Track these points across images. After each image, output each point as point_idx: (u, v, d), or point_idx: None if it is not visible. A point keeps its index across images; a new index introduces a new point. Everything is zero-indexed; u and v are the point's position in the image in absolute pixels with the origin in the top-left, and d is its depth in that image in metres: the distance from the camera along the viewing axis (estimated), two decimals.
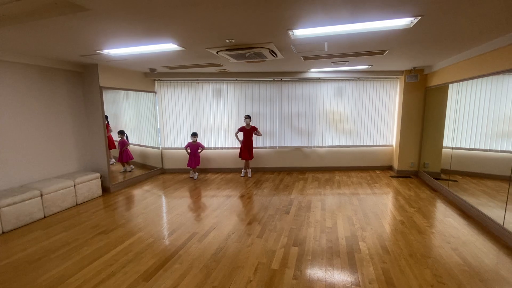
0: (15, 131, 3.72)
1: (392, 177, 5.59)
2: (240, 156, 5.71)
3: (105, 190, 4.80)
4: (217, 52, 3.49)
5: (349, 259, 2.59)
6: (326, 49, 3.53)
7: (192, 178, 5.72)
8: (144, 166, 5.83)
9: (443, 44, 3.32)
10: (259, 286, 2.22)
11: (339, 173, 5.95)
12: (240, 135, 5.71)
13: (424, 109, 5.51)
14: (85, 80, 4.60)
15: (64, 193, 3.97)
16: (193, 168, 5.75)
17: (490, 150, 3.40)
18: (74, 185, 4.13)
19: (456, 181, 4.20)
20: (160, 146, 6.22)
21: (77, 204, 4.20)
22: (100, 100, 4.53)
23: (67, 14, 2.23)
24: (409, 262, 2.52)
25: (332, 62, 4.55)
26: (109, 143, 4.85)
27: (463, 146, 3.97)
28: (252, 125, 5.70)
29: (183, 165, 6.26)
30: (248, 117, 5.59)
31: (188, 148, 5.66)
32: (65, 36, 2.82)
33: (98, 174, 4.56)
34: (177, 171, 6.29)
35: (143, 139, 5.75)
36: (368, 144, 6.16)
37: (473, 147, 3.75)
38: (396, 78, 5.82)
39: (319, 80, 5.94)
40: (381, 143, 6.14)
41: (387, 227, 3.26)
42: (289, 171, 6.24)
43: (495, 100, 3.27)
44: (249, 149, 5.67)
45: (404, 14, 2.26)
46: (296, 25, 2.53)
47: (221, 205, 4.12)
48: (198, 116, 6.12)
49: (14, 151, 3.71)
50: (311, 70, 5.58)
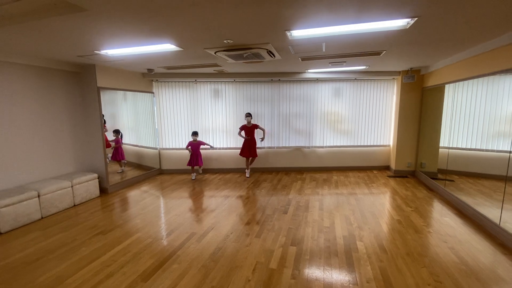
0: (12, 131, 3.71)
1: (389, 177, 5.63)
2: (240, 154, 5.73)
3: (103, 190, 4.79)
4: (215, 53, 3.50)
5: (347, 258, 2.61)
6: (324, 50, 3.55)
7: (195, 177, 5.73)
8: (142, 167, 5.82)
9: (439, 45, 3.35)
10: (258, 285, 2.23)
11: (337, 173, 5.98)
12: (242, 133, 5.73)
13: (421, 110, 5.55)
14: (83, 80, 4.59)
15: (62, 193, 3.95)
16: (193, 168, 5.75)
17: (486, 150, 3.43)
18: (72, 186, 4.11)
19: (453, 180, 4.23)
20: (158, 146, 6.21)
21: (74, 205, 4.18)
22: (98, 101, 4.52)
23: (65, 15, 2.23)
24: (406, 261, 2.54)
25: (329, 63, 4.57)
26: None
27: (460, 146, 4.00)
28: (253, 123, 5.72)
29: (181, 165, 6.26)
30: (248, 115, 5.60)
31: (189, 147, 5.66)
32: (63, 36, 2.81)
33: (95, 175, 4.55)
34: (175, 172, 6.28)
35: (141, 139, 5.74)
36: (365, 144, 6.19)
37: (469, 147, 3.78)
38: (393, 78, 5.86)
39: (317, 80, 5.96)
40: (378, 143, 6.18)
41: (384, 226, 3.29)
42: (287, 171, 6.25)
43: (491, 101, 3.30)
44: (250, 147, 5.68)
45: (401, 15, 2.29)
46: (293, 26, 2.55)
47: (219, 205, 4.12)
48: (196, 117, 6.12)
49: (11, 151, 3.69)
50: (309, 70, 5.60)
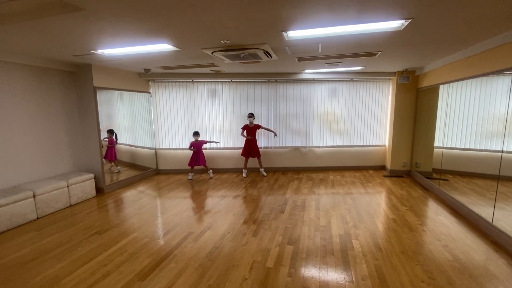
0: (7, 131, 3.68)
1: (385, 176, 5.68)
2: (242, 154, 5.77)
3: (99, 191, 4.77)
4: (212, 53, 3.52)
5: (343, 256, 2.64)
6: (320, 51, 3.58)
7: (190, 180, 5.73)
8: (138, 167, 5.80)
9: (433, 46, 3.40)
10: (254, 284, 2.25)
11: (333, 173, 6.02)
12: (245, 133, 5.77)
13: (416, 110, 5.61)
14: (79, 80, 4.57)
15: (58, 194, 3.93)
16: (192, 168, 5.76)
17: (479, 150, 3.48)
18: (68, 186, 4.09)
19: (447, 180, 4.29)
20: (154, 146, 6.20)
21: (70, 205, 4.16)
22: (94, 100, 4.51)
23: (62, 14, 2.23)
24: (400, 259, 2.57)
25: (325, 63, 4.61)
26: None
27: (454, 146, 4.06)
28: (255, 123, 5.75)
29: (178, 165, 6.25)
30: (251, 115, 5.63)
31: (192, 147, 5.69)
32: (59, 36, 2.81)
33: (92, 175, 4.53)
34: (172, 172, 6.28)
35: (137, 139, 5.73)
36: (361, 144, 6.24)
37: (463, 147, 3.83)
38: (389, 79, 5.92)
39: (313, 81, 6.00)
40: (374, 143, 6.23)
41: (379, 225, 3.32)
42: (284, 171, 6.28)
43: (484, 101, 3.35)
44: (251, 147, 5.70)
45: (395, 17, 2.32)
46: (290, 27, 2.57)
47: (216, 205, 4.13)
48: (193, 117, 6.12)
49: (6, 151, 3.67)
50: (305, 71, 5.64)
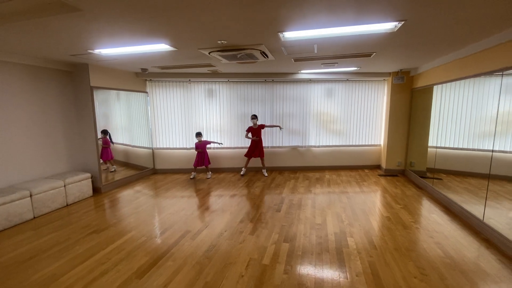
0: (4, 130, 3.67)
1: (380, 175, 5.75)
2: (245, 155, 5.83)
3: (96, 190, 4.77)
4: (209, 53, 3.55)
5: (338, 254, 2.68)
6: (316, 51, 3.63)
7: (192, 178, 5.78)
8: (135, 167, 5.81)
9: (426, 47, 3.47)
10: (251, 281, 2.29)
11: (329, 172, 6.08)
12: (250, 135, 5.81)
13: (411, 110, 5.69)
14: (76, 79, 4.57)
15: (54, 193, 3.93)
16: (196, 168, 5.80)
17: (472, 149, 3.55)
18: (65, 186, 4.10)
19: (441, 179, 4.36)
20: (151, 146, 6.21)
21: (67, 205, 4.17)
22: (91, 100, 4.51)
23: (60, 14, 2.25)
24: (394, 256, 2.63)
25: (321, 64, 4.66)
26: None
27: (447, 146, 4.13)
28: (259, 124, 5.80)
29: (175, 165, 6.27)
30: (254, 117, 5.67)
31: (197, 149, 5.74)
32: (56, 35, 2.82)
33: (88, 175, 4.53)
34: (169, 171, 6.29)
35: (134, 139, 5.73)
36: (357, 144, 6.31)
37: (456, 147, 3.91)
38: (384, 79, 5.99)
39: (310, 81, 6.05)
40: (369, 143, 6.30)
41: (374, 223, 3.38)
42: (280, 170, 6.32)
43: (477, 102, 3.42)
44: (256, 148, 5.75)
45: (388, 19, 2.37)
46: (285, 28, 2.62)
47: (213, 204, 4.16)
48: (190, 117, 6.14)
49: (2, 150, 3.66)
50: (302, 71, 5.69)
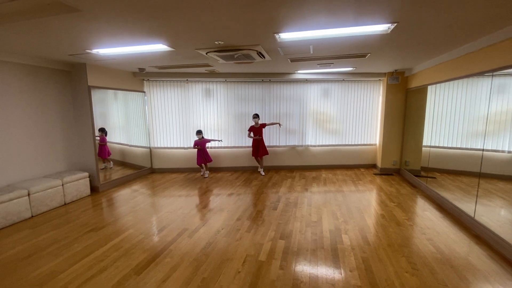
0: (2, 130, 3.69)
1: (375, 174, 5.83)
2: (252, 155, 5.92)
3: (94, 189, 4.79)
4: (206, 53, 3.59)
5: (332, 250, 2.75)
6: (312, 52, 3.69)
7: (203, 176, 5.82)
8: (133, 166, 5.83)
9: (419, 49, 3.54)
10: (247, 276, 2.34)
11: (326, 171, 6.15)
12: (252, 134, 5.86)
13: (405, 110, 5.78)
14: (73, 79, 4.59)
15: (52, 192, 3.96)
16: (204, 165, 5.84)
17: (465, 149, 3.63)
18: (62, 185, 4.12)
19: (435, 177, 4.44)
20: (149, 145, 6.24)
21: (65, 204, 4.19)
22: (89, 99, 4.53)
23: (59, 15, 2.28)
24: (387, 252, 2.70)
25: (317, 64, 4.72)
26: None
27: (441, 145, 4.21)
28: (260, 123, 5.85)
29: (172, 164, 6.30)
30: (256, 116, 5.72)
31: (196, 146, 5.77)
32: (55, 35, 2.85)
33: (86, 174, 4.56)
34: (167, 171, 6.32)
35: (132, 138, 5.75)
36: (353, 143, 6.38)
37: (450, 146, 3.99)
38: (379, 80, 6.07)
39: (306, 81, 6.12)
40: (365, 142, 6.38)
41: (368, 220, 3.45)
42: (277, 169, 6.38)
43: (470, 102, 3.49)
44: (259, 146, 5.81)
45: (381, 21, 2.44)
46: (282, 29, 2.67)
47: (211, 202, 4.21)
48: (188, 116, 6.17)
49: (1, 150, 3.67)
50: (298, 71, 5.75)
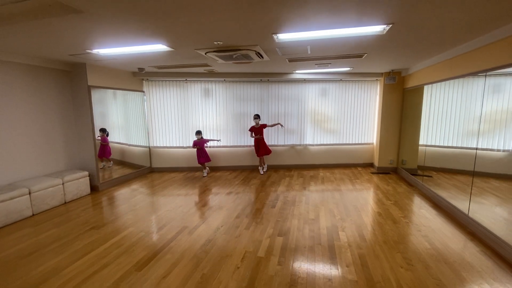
0: (3, 129, 3.72)
1: (372, 173, 5.90)
2: (256, 155, 6.02)
3: (94, 188, 4.83)
4: (205, 53, 3.63)
5: (329, 246, 2.80)
6: (309, 52, 3.74)
7: (203, 175, 5.87)
8: (132, 165, 5.87)
9: (415, 49, 3.61)
10: (246, 272, 2.39)
11: (323, 170, 6.21)
12: (253, 134, 5.92)
13: (402, 109, 5.84)
14: (73, 79, 4.62)
15: (53, 191, 3.99)
16: (203, 164, 5.90)
17: (461, 148, 3.69)
18: (63, 183, 4.16)
19: (431, 176, 4.51)
20: (148, 145, 6.27)
21: (65, 202, 4.22)
22: (89, 99, 4.57)
23: (61, 16, 2.32)
24: (383, 248, 2.76)
25: (315, 64, 4.78)
26: None
27: (437, 144, 4.27)
28: (261, 123, 5.90)
29: (171, 164, 6.34)
30: (257, 117, 5.78)
31: (195, 146, 5.82)
32: (57, 36, 2.89)
33: (86, 173, 4.59)
34: (166, 170, 6.36)
35: (131, 138, 5.79)
36: (350, 142, 6.45)
37: (446, 145, 4.05)
38: (376, 79, 6.13)
39: (304, 81, 6.17)
40: (362, 142, 6.45)
41: (365, 218, 3.51)
42: (276, 168, 6.44)
43: (465, 101, 3.55)
44: (260, 146, 5.87)
45: (377, 22, 2.49)
46: (280, 30, 2.72)
47: (210, 201, 4.26)
48: (187, 116, 6.21)
49: (2, 149, 3.71)
50: (296, 71, 5.80)
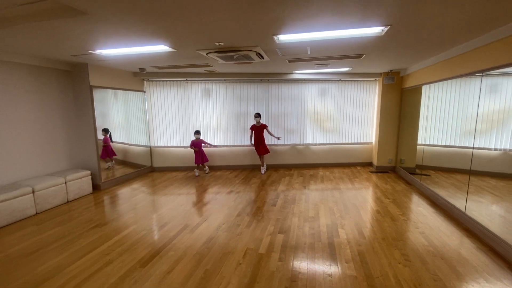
0: (7, 129, 3.77)
1: (371, 172, 5.96)
2: (257, 153, 6.05)
3: (96, 187, 4.88)
4: (207, 54, 3.68)
5: (329, 243, 2.86)
6: (309, 53, 3.80)
7: (195, 175, 5.92)
8: (133, 165, 5.91)
9: (413, 50, 3.67)
10: (248, 268, 2.45)
11: (323, 169, 6.27)
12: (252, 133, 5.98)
13: (401, 109, 5.91)
14: (75, 79, 4.66)
15: (56, 190, 4.04)
16: (199, 165, 5.95)
17: (458, 147, 3.75)
18: (65, 182, 4.20)
19: (429, 175, 4.57)
20: (149, 144, 6.32)
21: (68, 201, 4.27)
22: (91, 99, 4.61)
23: (67, 18, 2.37)
24: (381, 245, 2.82)
25: (315, 64, 4.83)
26: None
27: (435, 143, 4.33)
28: (262, 123, 5.94)
29: (172, 163, 6.39)
30: (258, 116, 5.82)
31: (192, 146, 5.87)
32: (60, 37, 2.93)
33: (88, 172, 4.64)
34: (167, 169, 6.41)
35: (132, 137, 5.83)
36: (349, 142, 6.51)
37: (444, 144, 4.11)
38: (375, 79, 6.20)
39: (304, 81, 6.23)
40: (361, 141, 6.51)
41: (364, 216, 3.57)
42: (276, 168, 6.49)
43: (463, 101, 3.60)
44: (259, 145, 5.92)
45: (375, 24, 2.55)
46: (280, 31, 2.77)
47: (211, 200, 4.31)
48: (187, 115, 6.26)
49: (5, 149, 3.75)
50: (296, 71, 5.86)
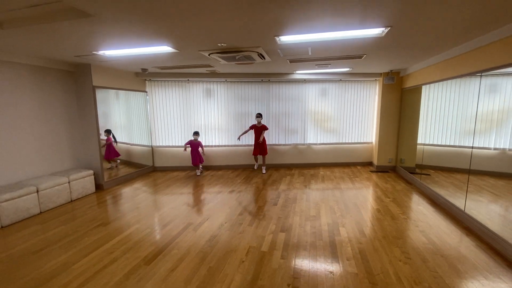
0: (11, 129, 3.81)
1: (371, 172, 6.00)
2: (253, 153, 6.05)
3: (98, 187, 4.92)
4: (209, 54, 3.73)
5: (330, 241, 2.90)
6: (310, 53, 3.84)
7: (196, 174, 5.96)
8: (135, 164, 5.95)
9: (413, 50, 3.71)
10: (251, 265, 2.49)
11: (324, 169, 6.31)
12: (251, 131, 6.01)
13: (401, 109, 5.95)
14: (78, 79, 4.70)
15: (59, 189, 4.08)
16: (196, 165, 5.98)
17: (458, 146, 3.79)
18: (69, 182, 4.24)
19: (429, 174, 4.61)
20: (151, 144, 6.36)
21: (71, 200, 4.31)
22: (93, 99, 4.65)
23: (72, 20, 2.41)
24: (382, 243, 2.86)
25: (315, 65, 4.88)
26: None
27: (435, 143, 4.37)
28: (262, 124, 5.97)
29: (174, 163, 6.43)
30: (259, 116, 5.85)
31: (188, 145, 5.88)
32: (64, 38, 2.97)
33: (91, 171, 4.68)
34: (168, 169, 6.45)
35: (133, 137, 5.87)
36: (350, 141, 6.55)
37: (444, 144, 4.15)
38: (375, 80, 6.24)
39: (305, 81, 6.27)
40: (362, 141, 6.55)
41: (364, 215, 3.61)
42: (276, 167, 6.53)
43: (463, 101, 3.63)
44: (258, 145, 5.93)
45: (376, 25, 2.59)
46: (282, 32, 2.82)
47: (213, 199, 4.35)
48: (189, 115, 6.30)
49: (10, 149, 3.79)
50: (297, 71, 5.90)
